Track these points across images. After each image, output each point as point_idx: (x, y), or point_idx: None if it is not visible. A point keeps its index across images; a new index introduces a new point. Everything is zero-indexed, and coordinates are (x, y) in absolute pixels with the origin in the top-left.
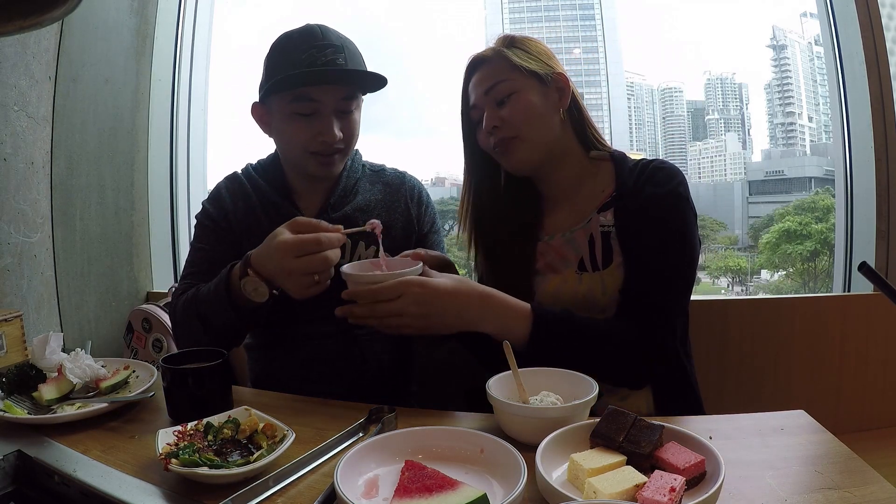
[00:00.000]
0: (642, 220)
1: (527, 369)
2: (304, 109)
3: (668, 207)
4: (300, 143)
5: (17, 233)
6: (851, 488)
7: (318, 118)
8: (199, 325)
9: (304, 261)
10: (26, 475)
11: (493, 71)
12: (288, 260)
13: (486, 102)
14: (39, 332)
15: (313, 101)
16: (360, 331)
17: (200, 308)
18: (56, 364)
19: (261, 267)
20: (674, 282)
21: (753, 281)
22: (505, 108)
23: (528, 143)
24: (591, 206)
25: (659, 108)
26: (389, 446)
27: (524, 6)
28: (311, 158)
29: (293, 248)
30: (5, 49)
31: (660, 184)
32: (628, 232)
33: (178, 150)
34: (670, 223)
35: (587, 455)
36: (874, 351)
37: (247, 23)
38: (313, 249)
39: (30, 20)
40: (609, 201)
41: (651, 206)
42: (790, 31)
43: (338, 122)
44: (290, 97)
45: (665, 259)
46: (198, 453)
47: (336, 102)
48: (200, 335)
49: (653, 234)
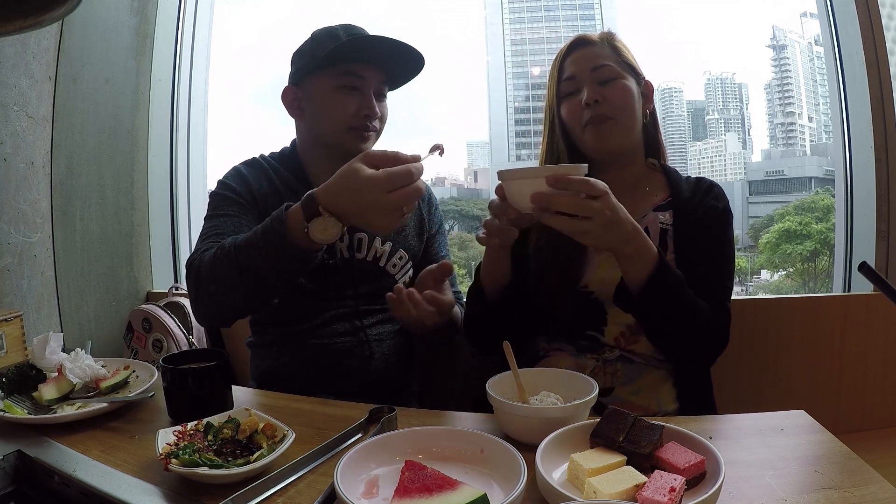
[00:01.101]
0: (700, 227)
1: (527, 369)
2: (352, 83)
3: (725, 222)
4: (342, 117)
5: (17, 233)
6: (851, 488)
7: (362, 94)
8: (237, 275)
9: (398, 194)
10: (26, 475)
11: (601, 53)
12: (380, 195)
13: (590, 78)
14: (39, 332)
15: (359, 77)
16: (371, 331)
17: (241, 256)
18: (56, 364)
19: (335, 206)
20: (726, 284)
21: (753, 281)
22: (608, 88)
23: (621, 127)
24: (645, 206)
25: (659, 108)
26: (389, 446)
27: (524, 6)
28: (348, 134)
29: (386, 183)
30: (5, 49)
31: (718, 199)
32: (685, 234)
33: (178, 150)
34: (726, 234)
35: (587, 455)
36: (874, 351)
37: (247, 23)
38: (407, 181)
39: (30, 20)
40: (665, 204)
41: (709, 217)
42: (790, 31)
43: (377, 102)
44: (338, 73)
45: (719, 264)
46: (198, 453)
47: (377, 84)
48: (236, 288)
49: (712, 241)
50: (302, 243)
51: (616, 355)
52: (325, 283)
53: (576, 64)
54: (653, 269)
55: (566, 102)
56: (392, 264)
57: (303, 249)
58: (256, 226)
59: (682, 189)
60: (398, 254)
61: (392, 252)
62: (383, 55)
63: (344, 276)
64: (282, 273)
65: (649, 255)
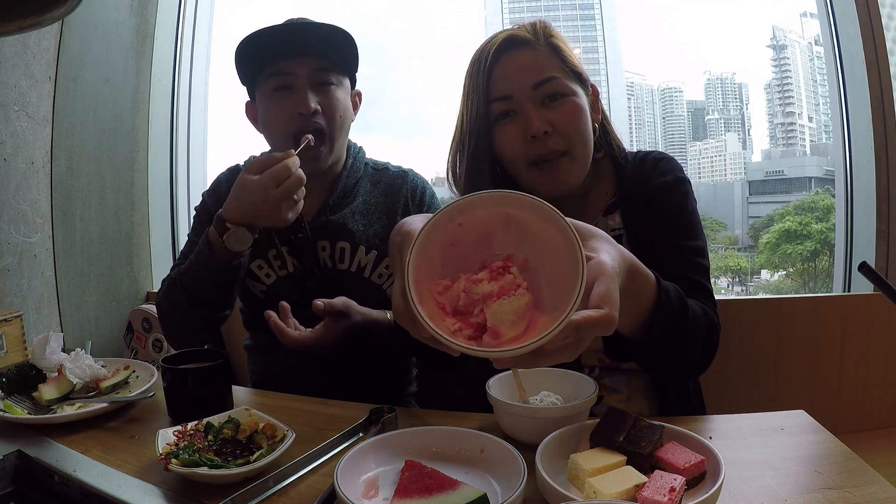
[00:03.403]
0: (651, 213)
1: (527, 369)
2: (280, 83)
3: (679, 193)
4: (281, 124)
5: (17, 233)
6: (851, 488)
7: (294, 92)
8: (184, 298)
9: (284, 187)
10: (26, 475)
11: (540, 61)
12: (269, 193)
13: (531, 98)
14: (39, 332)
15: (287, 74)
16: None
17: (185, 281)
18: (56, 364)
19: (239, 216)
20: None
21: (753, 281)
22: (556, 110)
23: (577, 161)
24: (594, 210)
25: (659, 108)
26: (389, 446)
27: (524, 6)
28: (293, 143)
29: (270, 182)
30: (5, 49)
31: (665, 172)
32: (639, 230)
33: (178, 150)
34: (686, 205)
35: (587, 455)
36: (874, 351)
37: (247, 23)
38: (287, 174)
39: (30, 20)
40: (613, 203)
41: (659, 197)
42: (790, 31)
43: (315, 96)
44: (267, 76)
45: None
46: (198, 453)
47: (310, 74)
48: (186, 309)
49: (669, 221)
50: (224, 256)
51: (597, 373)
52: (306, 291)
53: (510, 77)
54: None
55: (501, 129)
56: (378, 274)
57: (228, 261)
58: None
59: (627, 178)
60: (384, 262)
61: (378, 261)
62: (305, 43)
63: (327, 285)
64: (219, 286)
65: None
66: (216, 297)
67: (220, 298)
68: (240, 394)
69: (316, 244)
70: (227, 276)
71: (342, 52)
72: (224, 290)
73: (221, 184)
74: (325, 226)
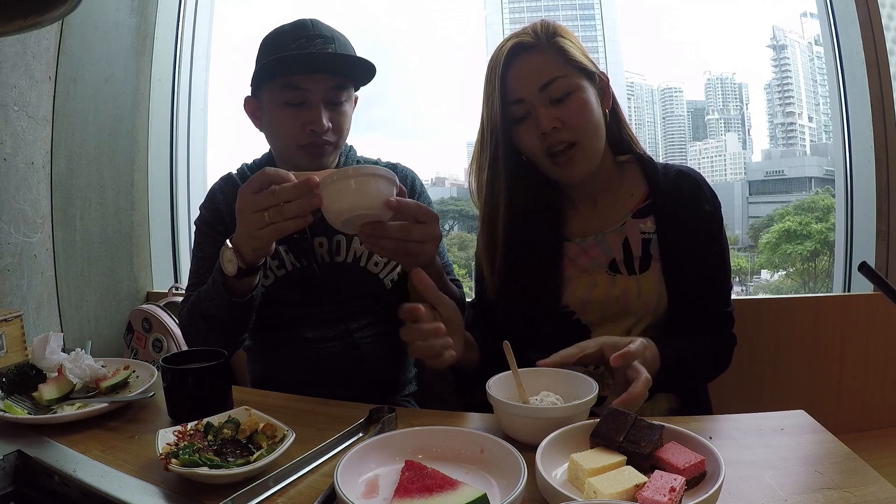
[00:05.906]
0: (690, 235)
1: (527, 369)
2: (294, 98)
3: (719, 224)
4: (290, 134)
5: (17, 233)
6: (851, 488)
7: (307, 108)
8: (203, 323)
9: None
10: (26, 475)
11: (546, 63)
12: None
13: (540, 99)
14: (39, 332)
15: (302, 90)
16: (359, 334)
17: (202, 305)
18: (56, 364)
19: (236, 236)
20: (726, 288)
21: (753, 281)
22: (562, 108)
23: (587, 150)
24: (622, 210)
25: (659, 108)
26: (389, 446)
27: (524, 6)
28: (301, 151)
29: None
30: (5, 49)
31: (709, 200)
32: (672, 242)
33: (178, 150)
34: (720, 236)
35: (587, 455)
36: (874, 351)
37: (247, 23)
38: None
39: (30, 20)
40: (645, 207)
41: (700, 224)
42: (790, 31)
43: (327, 112)
44: (280, 86)
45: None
46: (198, 453)
47: (325, 92)
48: (207, 334)
49: (706, 248)
50: (233, 283)
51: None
52: (306, 290)
53: (521, 82)
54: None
55: (519, 129)
56: (374, 262)
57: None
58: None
59: (661, 186)
60: None
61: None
62: (328, 63)
63: (326, 280)
64: (234, 314)
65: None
66: (231, 324)
67: (236, 326)
68: (240, 394)
69: (314, 241)
70: (236, 308)
71: (359, 75)
72: (238, 321)
73: (216, 193)
74: (322, 222)
